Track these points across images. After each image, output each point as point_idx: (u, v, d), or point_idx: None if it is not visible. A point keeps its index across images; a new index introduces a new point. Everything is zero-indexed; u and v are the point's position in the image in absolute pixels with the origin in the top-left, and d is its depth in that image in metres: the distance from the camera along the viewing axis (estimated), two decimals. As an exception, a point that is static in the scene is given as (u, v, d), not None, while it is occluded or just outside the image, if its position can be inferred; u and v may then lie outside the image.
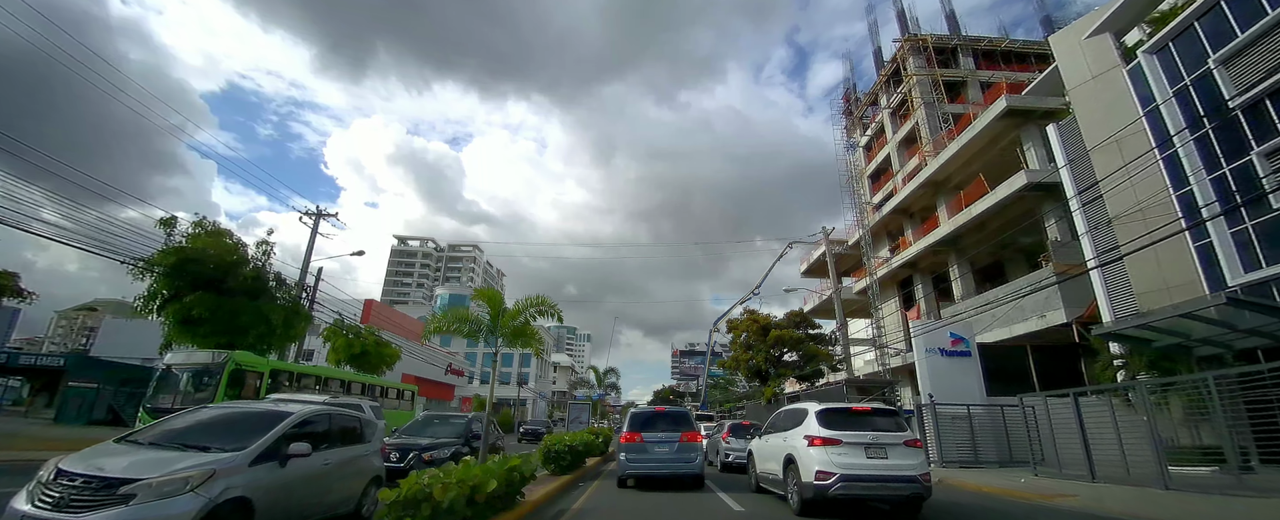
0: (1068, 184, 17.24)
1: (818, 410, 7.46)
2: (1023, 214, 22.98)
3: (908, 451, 6.94)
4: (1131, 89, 15.48)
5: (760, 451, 9.61)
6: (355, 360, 20.25)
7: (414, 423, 9.96)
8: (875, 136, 35.66)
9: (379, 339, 21.21)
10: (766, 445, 9.15)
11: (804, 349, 27.33)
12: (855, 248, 35.71)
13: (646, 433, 10.49)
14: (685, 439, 10.47)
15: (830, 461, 6.74)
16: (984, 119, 23.73)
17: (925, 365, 15.27)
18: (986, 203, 22.97)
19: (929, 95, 30.61)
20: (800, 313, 30.81)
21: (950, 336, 15.71)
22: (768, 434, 9.37)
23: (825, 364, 27.59)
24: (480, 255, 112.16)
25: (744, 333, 29.50)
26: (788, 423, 8.39)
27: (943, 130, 29.33)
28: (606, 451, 17.59)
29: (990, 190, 22.92)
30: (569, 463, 10.59)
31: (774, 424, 9.35)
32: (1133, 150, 14.96)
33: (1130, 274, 15.00)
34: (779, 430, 8.69)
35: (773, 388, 26.78)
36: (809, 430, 7.24)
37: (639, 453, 10.34)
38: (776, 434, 8.70)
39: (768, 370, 27.67)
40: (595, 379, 34.83)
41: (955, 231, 25.79)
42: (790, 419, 8.35)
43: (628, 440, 10.51)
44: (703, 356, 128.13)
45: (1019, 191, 21.62)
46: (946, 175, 27.45)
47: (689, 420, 11.19)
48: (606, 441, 18.42)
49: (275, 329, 14.15)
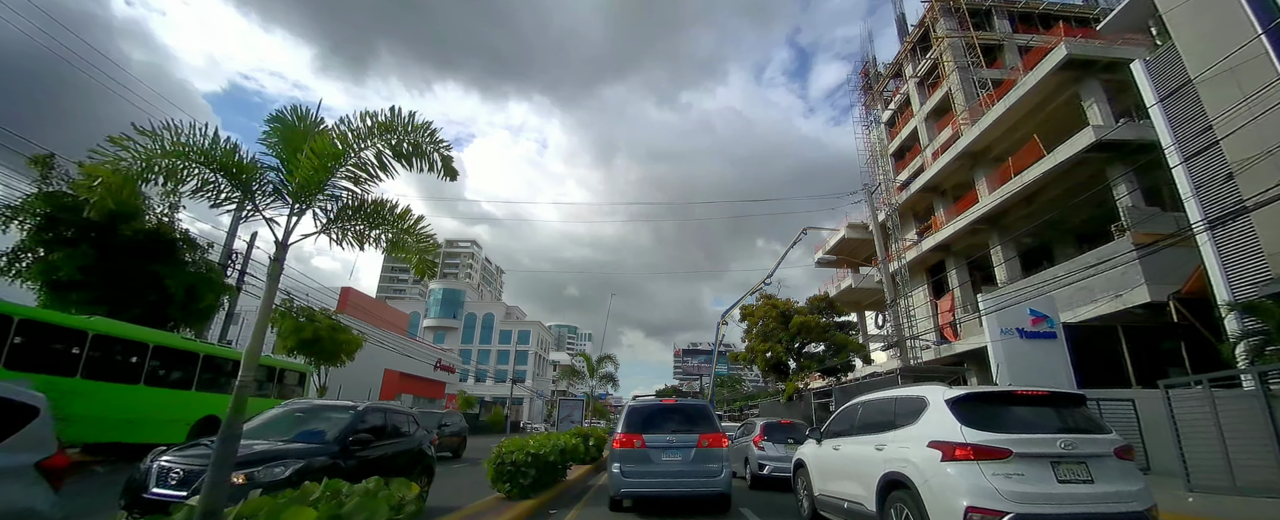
0: (1163, 130, 14.10)
1: (952, 397, 4.48)
2: (1084, 181, 19.87)
3: (1120, 470, 3.88)
4: (1246, 5, 12.46)
5: (823, 464, 6.63)
6: (305, 347, 17.26)
7: (265, 418, 6.04)
8: (899, 111, 32.56)
9: (336, 324, 18.22)
10: (836, 455, 6.17)
11: (830, 338, 24.04)
12: (879, 230, 32.65)
13: (650, 434, 7.62)
14: (705, 443, 7.56)
15: (990, 490, 3.74)
16: (1036, 74, 20.62)
17: (1001, 350, 12.15)
18: (1041, 169, 19.84)
19: (963, 60, 27.51)
20: (825, 297, 27.35)
21: (1030, 314, 12.60)
22: (836, 437, 6.40)
23: (857, 355, 24.26)
24: (478, 251, 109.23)
25: (761, 320, 26.15)
26: (879, 417, 5.45)
27: (980, 97, 26.21)
28: (599, 458, 14.34)
29: (1046, 154, 19.79)
30: (533, 480, 7.41)
31: (847, 421, 6.39)
32: (1252, 83, 11.93)
33: (1260, 232, 11.90)
34: (859, 432, 5.78)
35: (795, 382, 23.49)
36: (939, 431, 4.33)
37: (640, 463, 7.44)
38: (856, 437, 5.80)
39: (788, 363, 24.43)
40: (587, 368, 31.17)
41: (998, 207, 22.67)
42: (886, 412, 5.40)
43: (623, 445, 7.60)
44: (707, 355, 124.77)
45: (1082, 153, 18.50)
46: (987, 144, 24.35)
47: (709, 417, 8.16)
48: (599, 445, 15.07)
49: (175, 299, 11.15)
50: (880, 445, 5.04)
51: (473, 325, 69.58)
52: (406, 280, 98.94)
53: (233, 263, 13.75)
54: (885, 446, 4.94)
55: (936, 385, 4.92)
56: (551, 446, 7.67)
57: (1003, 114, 22.47)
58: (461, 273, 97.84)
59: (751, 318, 26.94)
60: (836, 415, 6.86)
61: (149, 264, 10.92)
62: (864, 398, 6.36)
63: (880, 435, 5.16)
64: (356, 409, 6.01)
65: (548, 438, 8.15)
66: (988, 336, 12.89)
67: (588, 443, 13.83)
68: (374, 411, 6.37)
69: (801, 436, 10.95)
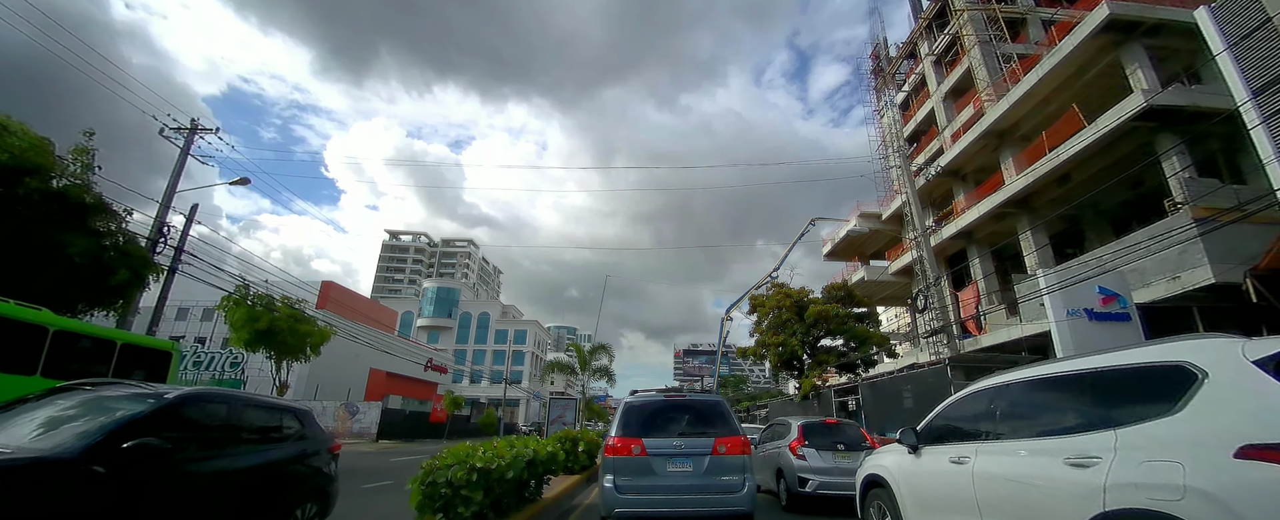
0: (1237, 83, 12.26)
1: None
2: (1126, 157, 18.07)
3: None
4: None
5: (932, 488, 4.27)
6: (263, 339, 15.42)
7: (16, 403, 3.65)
8: (914, 93, 30.76)
9: (299, 315, 16.35)
10: (961, 475, 3.84)
11: (849, 330, 22.10)
12: (891, 221, 30.83)
13: (652, 437, 6.21)
14: (722, 448, 6.06)
15: None
16: (1073, 38, 18.81)
17: (1067, 332, 10.30)
18: (1081, 141, 18.00)
19: (984, 33, 25.72)
20: (844, 284, 25.20)
21: (1099, 292, 10.75)
22: (958, 442, 4.12)
23: (880, 348, 22.18)
24: (475, 251, 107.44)
25: (773, 311, 23.79)
26: (1070, 405, 3.35)
27: (1004, 72, 24.40)
28: (591, 467, 11.82)
29: (1086, 124, 17.97)
30: (486, 507, 5.09)
31: (978, 414, 4.12)
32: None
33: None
34: (1019, 434, 3.63)
35: (812, 378, 21.42)
36: (1247, 423, 2.29)
37: (639, 474, 5.99)
38: (1009, 443, 3.63)
39: (802, 358, 22.44)
40: (578, 360, 28.80)
41: (1029, 187, 20.85)
42: (1084, 394, 3.25)
43: (618, 451, 6.15)
44: (708, 355, 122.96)
45: (1129, 121, 16.68)
46: (1014, 121, 22.55)
47: (725, 415, 6.55)
48: (592, 451, 12.36)
49: (82, 271, 9.34)
50: (1083, 456, 2.92)
51: (468, 325, 67.59)
52: (402, 279, 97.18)
53: (165, 238, 11.86)
54: (1099, 460, 2.82)
55: (1217, 338, 2.83)
56: (512, 458, 5.70)
57: (1034, 85, 20.67)
58: (458, 273, 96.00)
59: (762, 308, 24.64)
60: (953, 403, 4.52)
61: (49, 229, 9.13)
62: (1008, 375, 3.98)
63: (1080, 439, 3.03)
64: (162, 395, 3.72)
65: (510, 445, 6.19)
66: (1052, 317, 11.03)
67: (577, 448, 11.76)
68: (200, 401, 4.03)
69: (855, 441, 9.15)
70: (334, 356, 32.38)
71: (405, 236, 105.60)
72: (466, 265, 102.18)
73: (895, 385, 17.97)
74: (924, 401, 14.29)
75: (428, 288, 71.41)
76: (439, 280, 76.39)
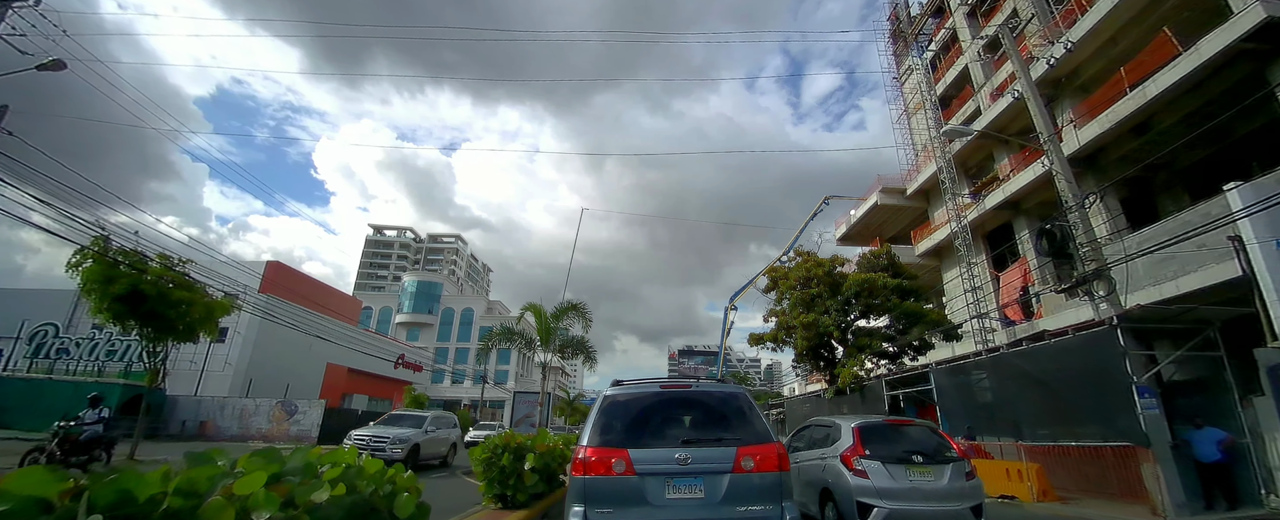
0: None
1: None
2: (1221, 96, 14.68)
3: None
4: None
5: None
6: (127, 308, 11.67)
7: None
8: (943, 50, 27.35)
9: (181, 278, 12.57)
10: None
11: (897, 308, 17.45)
12: (916, 197, 27.32)
13: (643, 448, 4.12)
14: (748, 462, 4.01)
15: None
16: (1160, -49, 15.37)
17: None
18: (1175, 73, 14.55)
19: (1031, -27, 22.28)
20: (887, 250, 20.43)
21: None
22: None
23: (941, 330, 17.54)
24: (463, 247, 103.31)
25: (800, 283, 18.81)
26: None
27: (1056, 14, 20.95)
28: (547, 493, 7.94)
29: (1180, 51, 14.51)
30: None
31: None
32: None
33: None
34: None
35: (852, 367, 16.69)
36: None
37: (623, 503, 3.93)
38: None
39: (833, 344, 18.04)
40: (538, 329, 23.14)
41: (1097, 140, 17.43)
42: None
43: (592, 471, 4.01)
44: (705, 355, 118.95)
45: (1238, 43, 13.32)
46: (1074, 66, 19.17)
47: (747, 414, 4.44)
48: (548, 473, 8.14)
49: None
50: None
51: (450, 321, 63.42)
52: (386, 275, 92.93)
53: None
54: None
55: None
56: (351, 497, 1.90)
57: (1100, 20, 17.26)
58: (444, 269, 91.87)
59: (784, 280, 20.01)
60: None
61: None
62: None
63: None
64: None
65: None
66: (1254, 238, 7.44)
67: (519, 465, 7.22)
68: None
69: (935, 450, 6.22)
70: (277, 347, 28.46)
71: (390, 231, 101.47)
72: (454, 261, 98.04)
73: (977, 369, 13.80)
74: (1074, 389, 10.32)
75: (407, 281, 67.17)
76: (420, 274, 72.21)
